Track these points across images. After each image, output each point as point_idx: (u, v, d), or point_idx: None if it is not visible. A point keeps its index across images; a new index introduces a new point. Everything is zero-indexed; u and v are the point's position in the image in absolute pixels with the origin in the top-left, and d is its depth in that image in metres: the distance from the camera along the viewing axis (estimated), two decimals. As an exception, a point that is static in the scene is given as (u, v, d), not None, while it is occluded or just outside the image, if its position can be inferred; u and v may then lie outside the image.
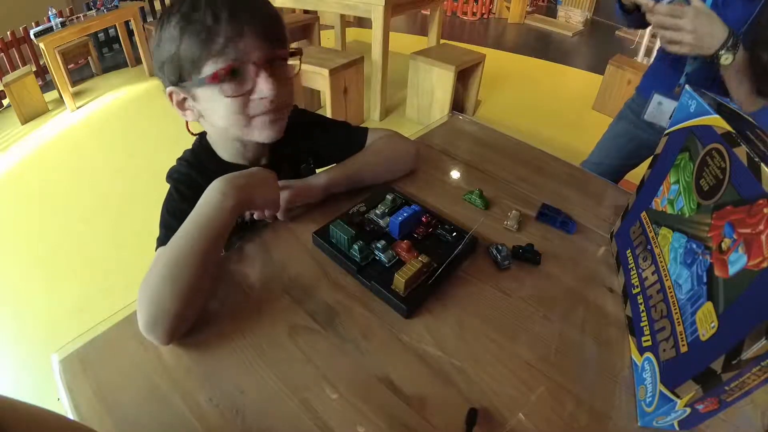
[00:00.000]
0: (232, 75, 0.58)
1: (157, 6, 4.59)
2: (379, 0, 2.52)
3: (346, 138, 0.82)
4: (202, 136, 0.73)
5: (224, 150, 0.71)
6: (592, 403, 0.50)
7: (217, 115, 0.62)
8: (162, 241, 0.61)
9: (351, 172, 0.76)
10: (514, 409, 0.48)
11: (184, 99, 0.63)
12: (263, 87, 0.59)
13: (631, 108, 1.21)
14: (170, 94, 0.63)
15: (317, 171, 0.79)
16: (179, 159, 0.73)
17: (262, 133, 0.65)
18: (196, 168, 0.70)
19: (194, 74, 0.59)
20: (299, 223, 0.72)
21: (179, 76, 0.60)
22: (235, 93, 0.59)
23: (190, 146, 0.75)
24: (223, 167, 0.69)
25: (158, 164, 0.75)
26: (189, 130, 0.71)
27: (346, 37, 3.82)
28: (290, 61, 0.64)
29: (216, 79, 0.57)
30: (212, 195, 0.55)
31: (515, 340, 0.56)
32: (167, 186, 0.70)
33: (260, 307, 0.58)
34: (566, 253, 0.69)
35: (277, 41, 0.61)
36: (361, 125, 0.83)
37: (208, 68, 0.57)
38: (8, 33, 3.22)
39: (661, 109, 1.00)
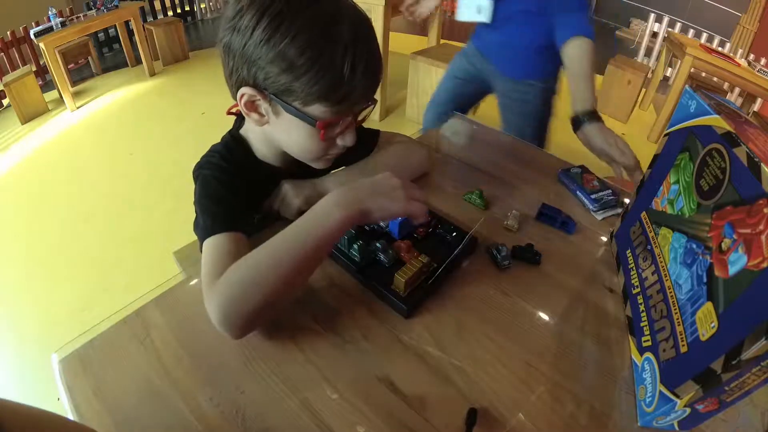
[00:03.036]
0: (334, 122, 0.58)
1: (157, 6, 4.60)
2: (379, 0, 2.52)
3: (359, 138, 0.81)
4: (234, 130, 0.71)
5: (262, 149, 0.69)
6: (592, 403, 0.50)
7: (292, 141, 0.62)
8: (208, 231, 0.56)
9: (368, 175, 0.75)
10: (514, 409, 0.48)
11: (256, 102, 0.58)
12: (349, 139, 0.62)
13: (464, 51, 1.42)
14: (242, 94, 0.56)
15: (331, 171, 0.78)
16: (210, 152, 0.68)
17: (321, 165, 0.67)
18: (229, 161, 0.66)
19: (296, 100, 0.55)
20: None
21: (270, 88, 0.55)
22: (328, 137, 0.60)
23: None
24: (256, 164, 0.68)
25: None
26: (231, 113, 0.69)
27: (346, 37, 3.81)
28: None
29: (322, 124, 0.56)
30: (325, 204, 0.52)
31: (515, 340, 0.56)
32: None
33: (260, 307, 0.58)
34: (566, 253, 0.69)
35: None
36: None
37: (316, 108, 0.55)
38: (8, 33, 3.23)
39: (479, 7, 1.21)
